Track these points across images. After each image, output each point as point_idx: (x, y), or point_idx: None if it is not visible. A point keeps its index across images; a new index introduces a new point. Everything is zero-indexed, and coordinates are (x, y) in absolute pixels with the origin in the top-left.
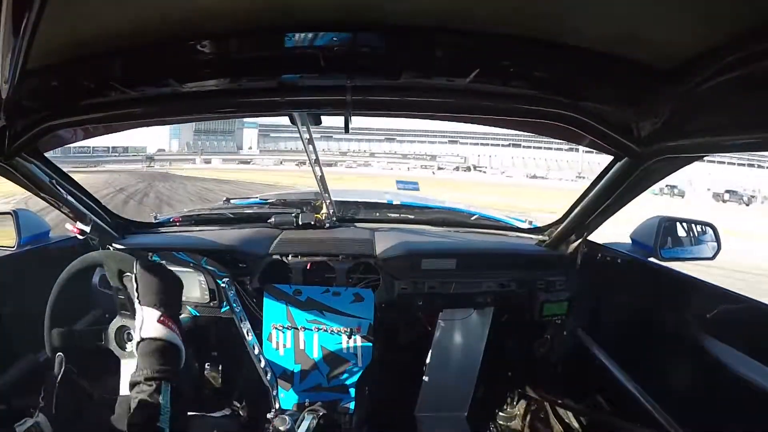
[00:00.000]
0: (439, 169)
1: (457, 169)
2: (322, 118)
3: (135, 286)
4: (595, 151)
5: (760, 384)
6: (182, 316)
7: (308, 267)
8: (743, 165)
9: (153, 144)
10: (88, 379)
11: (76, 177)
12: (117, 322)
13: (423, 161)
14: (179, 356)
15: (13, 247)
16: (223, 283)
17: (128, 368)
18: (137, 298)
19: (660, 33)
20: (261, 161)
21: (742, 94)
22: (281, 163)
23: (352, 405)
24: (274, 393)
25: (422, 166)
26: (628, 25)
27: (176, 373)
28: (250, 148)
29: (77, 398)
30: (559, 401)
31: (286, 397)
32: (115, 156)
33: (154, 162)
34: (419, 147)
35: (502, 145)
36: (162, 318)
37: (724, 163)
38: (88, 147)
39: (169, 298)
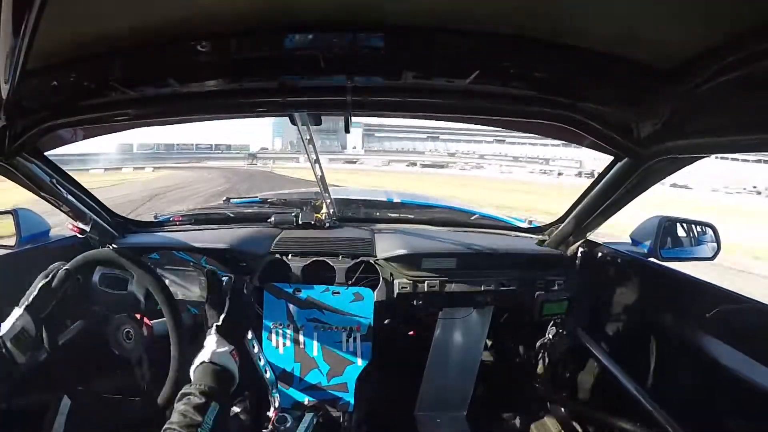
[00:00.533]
0: (559, 174)
1: (579, 175)
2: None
3: (220, 309)
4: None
5: (759, 384)
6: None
7: (308, 266)
8: None
9: (256, 142)
10: (88, 376)
11: (169, 173)
12: (117, 321)
13: (538, 165)
14: (233, 387)
15: (13, 245)
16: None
17: (133, 365)
18: (218, 326)
19: (660, 33)
20: (368, 161)
21: (742, 94)
22: (389, 163)
23: (351, 404)
24: (274, 391)
25: (541, 171)
26: (628, 25)
27: (228, 399)
28: (355, 147)
29: (70, 311)
30: (559, 401)
31: (286, 396)
32: (219, 153)
33: (257, 160)
34: (530, 150)
35: None
36: (233, 352)
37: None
38: (191, 144)
39: (243, 337)
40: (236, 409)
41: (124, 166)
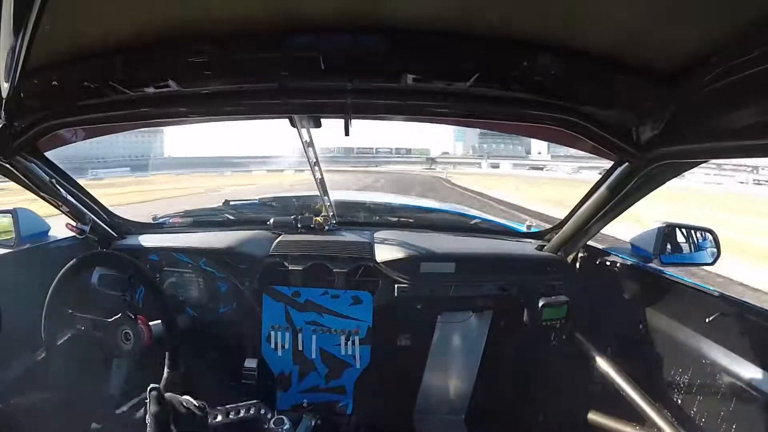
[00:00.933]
0: None
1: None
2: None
3: None
4: None
5: (758, 388)
6: (180, 316)
7: (307, 269)
8: None
9: (437, 146)
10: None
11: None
12: (116, 321)
13: (749, 173)
14: None
15: (12, 245)
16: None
17: (122, 368)
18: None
19: (660, 36)
20: (555, 167)
21: (743, 97)
22: (578, 170)
23: (350, 407)
24: (272, 394)
25: (755, 181)
26: (628, 29)
27: None
28: (540, 153)
29: None
30: (558, 405)
31: (284, 399)
32: (398, 157)
33: (436, 164)
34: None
35: None
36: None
37: None
38: (371, 148)
39: None
40: (234, 412)
41: (288, 168)
